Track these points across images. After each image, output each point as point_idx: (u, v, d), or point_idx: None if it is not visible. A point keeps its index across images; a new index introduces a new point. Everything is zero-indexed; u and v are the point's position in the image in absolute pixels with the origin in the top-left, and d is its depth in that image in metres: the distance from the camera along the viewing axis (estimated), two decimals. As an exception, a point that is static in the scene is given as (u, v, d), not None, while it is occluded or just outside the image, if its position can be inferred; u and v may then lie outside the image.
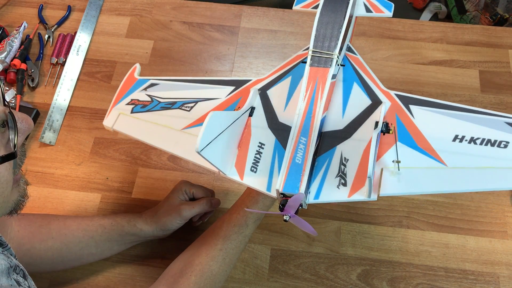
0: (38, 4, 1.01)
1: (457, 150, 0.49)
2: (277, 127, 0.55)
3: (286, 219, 0.47)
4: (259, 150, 0.54)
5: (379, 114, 0.52)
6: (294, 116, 0.53)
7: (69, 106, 0.90)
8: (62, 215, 0.72)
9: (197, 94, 0.63)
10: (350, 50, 0.61)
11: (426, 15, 1.80)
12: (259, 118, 0.57)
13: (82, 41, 0.96)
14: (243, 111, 0.55)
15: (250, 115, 0.57)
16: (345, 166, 0.51)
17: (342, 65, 0.59)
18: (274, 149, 0.53)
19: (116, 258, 0.76)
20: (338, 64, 0.56)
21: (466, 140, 0.50)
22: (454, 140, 0.50)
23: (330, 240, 0.77)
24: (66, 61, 0.94)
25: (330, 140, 0.53)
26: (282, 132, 0.54)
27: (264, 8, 1.01)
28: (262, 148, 0.54)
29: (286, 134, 0.53)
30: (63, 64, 0.94)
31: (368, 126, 0.53)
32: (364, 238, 0.77)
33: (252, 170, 0.53)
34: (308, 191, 0.50)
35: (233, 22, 0.99)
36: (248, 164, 0.53)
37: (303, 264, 0.76)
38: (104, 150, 0.86)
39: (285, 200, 0.48)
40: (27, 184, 0.50)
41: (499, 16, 1.59)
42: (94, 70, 0.94)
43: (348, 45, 0.61)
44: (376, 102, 0.55)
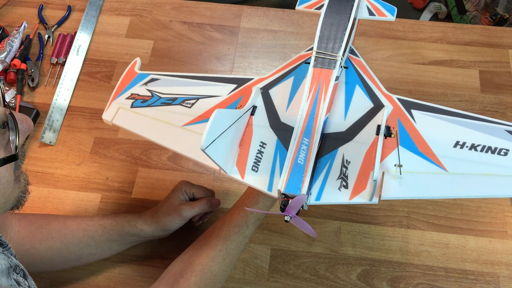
0: (38, 4, 1.01)
1: (458, 156, 0.49)
2: (279, 127, 0.55)
3: (287, 220, 0.47)
4: (261, 149, 0.54)
5: (381, 118, 0.53)
6: (297, 116, 0.53)
7: (69, 106, 0.90)
8: (62, 215, 0.72)
9: (198, 91, 0.62)
10: (352, 52, 0.61)
11: (426, 15, 1.80)
12: (261, 117, 0.56)
13: (82, 41, 0.96)
14: (246, 110, 0.55)
15: (252, 114, 0.57)
16: (346, 168, 0.50)
17: (345, 67, 0.59)
18: (275, 149, 0.53)
19: (116, 258, 0.76)
20: (341, 66, 0.56)
21: (467, 146, 0.50)
22: (455, 146, 0.50)
23: (330, 240, 0.77)
24: (66, 61, 0.94)
25: (332, 142, 0.53)
26: (283, 132, 0.54)
27: (264, 8, 1.01)
28: (264, 147, 0.54)
29: (288, 134, 0.52)
30: (63, 64, 0.94)
31: (370, 129, 0.53)
32: (364, 238, 0.77)
33: (253, 170, 0.52)
34: (309, 193, 0.50)
35: (233, 22, 0.99)
36: (249, 163, 0.53)
37: (303, 264, 0.76)
38: (104, 150, 0.86)
39: (286, 200, 0.48)
40: (28, 181, 0.50)
41: (499, 16, 1.59)
42: (94, 70, 0.94)
43: (350, 47, 0.61)
44: (378, 106, 0.55)
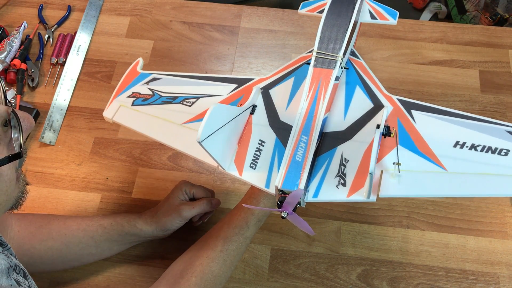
0: (38, 4, 1.01)
1: (457, 155, 0.50)
2: (278, 126, 0.55)
3: (284, 216, 0.47)
4: (259, 147, 0.54)
5: (381, 118, 0.53)
6: (296, 115, 0.53)
7: (69, 106, 0.90)
8: (62, 215, 0.72)
9: (199, 90, 0.63)
10: (354, 54, 0.61)
11: (426, 15, 1.80)
12: (261, 116, 0.57)
13: (82, 41, 0.96)
14: (245, 108, 0.55)
15: (251, 113, 0.57)
16: (345, 166, 0.51)
17: (346, 68, 0.59)
18: (274, 147, 0.54)
19: (116, 258, 0.76)
20: (341, 66, 0.56)
21: (467, 146, 0.50)
22: (455, 146, 0.50)
23: (330, 240, 0.77)
24: (66, 61, 0.94)
25: (331, 140, 0.53)
26: (283, 130, 0.54)
27: (264, 8, 1.01)
28: (263, 145, 0.54)
29: (287, 133, 0.53)
30: (63, 64, 0.94)
31: (369, 128, 0.53)
32: (364, 238, 0.77)
33: (251, 167, 0.53)
34: (307, 190, 0.50)
35: (233, 22, 0.99)
36: (247, 160, 0.53)
37: (303, 264, 0.76)
38: (104, 150, 0.86)
39: (283, 197, 0.48)
40: (27, 181, 0.50)
41: (499, 16, 1.59)
42: (94, 70, 0.94)
43: (352, 49, 0.62)
44: (378, 106, 0.55)
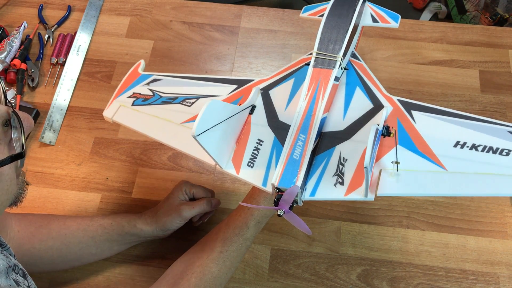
0: (38, 4, 1.01)
1: (458, 155, 0.49)
2: (277, 126, 0.55)
3: (280, 214, 0.47)
4: (257, 146, 0.54)
5: (380, 118, 0.53)
6: (295, 114, 0.53)
7: (69, 106, 0.90)
8: (62, 215, 0.72)
9: (199, 91, 0.63)
10: (354, 56, 0.62)
11: (426, 15, 1.80)
12: (260, 116, 0.57)
13: (82, 41, 0.96)
14: (244, 107, 0.55)
15: (250, 113, 0.57)
16: (343, 166, 0.51)
17: (346, 68, 0.59)
18: (272, 146, 0.54)
19: (116, 258, 0.76)
20: (341, 67, 0.56)
21: (467, 146, 0.50)
22: (455, 146, 0.50)
23: (330, 240, 0.77)
24: (66, 61, 0.94)
25: (329, 140, 0.53)
26: (281, 130, 0.55)
27: (264, 8, 1.01)
28: (261, 144, 0.54)
29: (285, 132, 0.53)
30: (63, 64, 0.94)
31: (368, 128, 0.53)
32: (364, 238, 0.77)
33: (249, 165, 0.53)
34: (304, 188, 0.50)
35: (233, 22, 0.99)
36: (245, 159, 0.53)
37: (303, 264, 0.76)
38: (104, 150, 0.86)
39: (280, 195, 0.48)
40: (25, 177, 0.50)
41: (499, 16, 1.59)
42: (94, 70, 0.94)
43: (353, 51, 0.62)
44: (378, 106, 0.56)
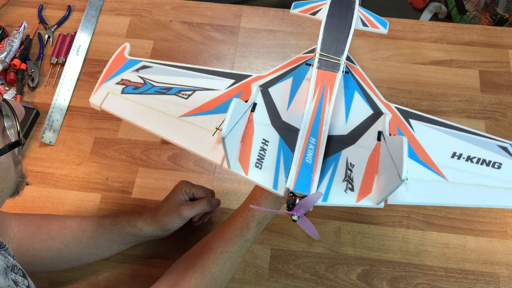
0: (38, 4, 1.01)
1: (456, 166, 0.51)
2: (280, 126, 0.55)
3: (295, 219, 0.47)
4: (263, 146, 0.53)
5: (382, 124, 0.53)
6: (303, 116, 0.53)
7: (69, 106, 0.90)
8: (62, 215, 0.72)
9: (194, 83, 0.61)
10: (349, 59, 0.61)
11: (426, 15, 1.80)
12: (262, 114, 0.56)
13: (82, 41, 0.96)
14: (250, 105, 0.55)
15: (252, 111, 0.56)
16: (351, 171, 0.51)
17: (347, 72, 0.59)
18: (279, 147, 0.53)
19: (116, 258, 0.76)
20: (343, 70, 0.56)
21: (463, 157, 0.52)
22: (452, 156, 0.52)
23: (330, 240, 0.77)
24: (66, 61, 0.94)
25: (335, 144, 0.53)
26: (286, 131, 0.54)
27: (264, 8, 1.01)
28: (266, 145, 0.53)
29: (291, 134, 0.53)
30: (63, 64, 0.94)
31: (371, 134, 0.54)
32: (364, 238, 0.77)
33: (256, 166, 0.52)
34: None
35: (233, 22, 0.99)
36: (252, 159, 0.52)
37: (303, 264, 0.76)
38: (104, 150, 0.86)
39: (293, 199, 0.47)
40: (22, 166, 0.51)
41: (499, 16, 1.59)
42: (94, 70, 0.94)
43: (347, 54, 0.62)
44: (377, 113, 0.56)
